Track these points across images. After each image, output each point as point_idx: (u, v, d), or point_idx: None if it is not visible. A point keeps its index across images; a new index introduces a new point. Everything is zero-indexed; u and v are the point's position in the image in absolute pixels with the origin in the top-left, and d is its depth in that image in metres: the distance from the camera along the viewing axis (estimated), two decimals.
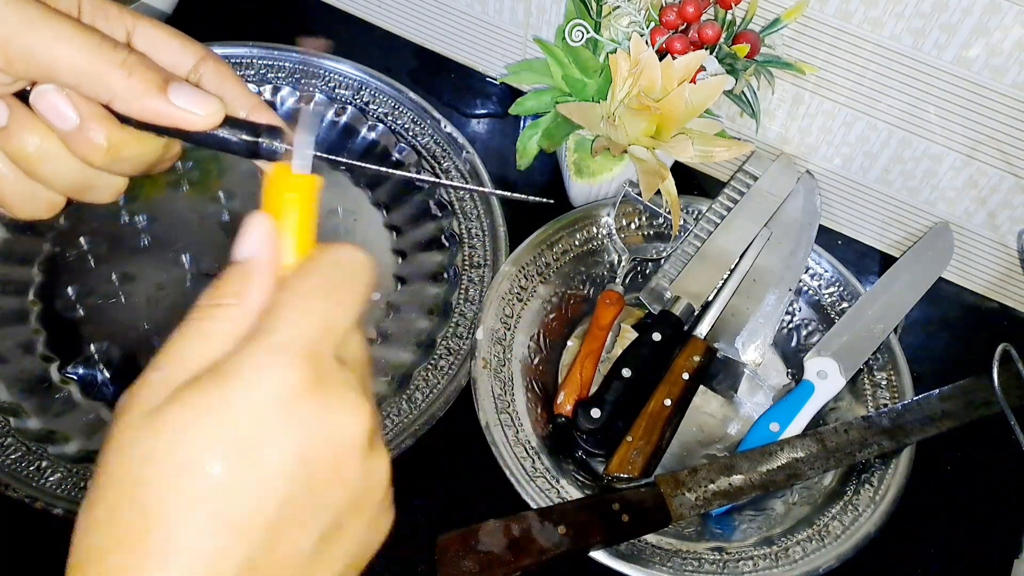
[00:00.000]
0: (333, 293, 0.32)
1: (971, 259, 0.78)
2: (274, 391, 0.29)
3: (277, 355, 0.30)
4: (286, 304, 0.31)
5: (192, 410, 0.29)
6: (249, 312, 0.31)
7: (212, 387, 0.29)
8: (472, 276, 0.74)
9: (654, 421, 0.66)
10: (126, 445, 0.29)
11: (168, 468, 0.28)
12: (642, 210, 0.76)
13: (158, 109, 0.36)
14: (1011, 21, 0.62)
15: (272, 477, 0.29)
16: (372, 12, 0.90)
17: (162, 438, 0.29)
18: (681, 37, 0.68)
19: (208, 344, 0.31)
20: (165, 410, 0.29)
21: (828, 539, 0.63)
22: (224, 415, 0.29)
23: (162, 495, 0.28)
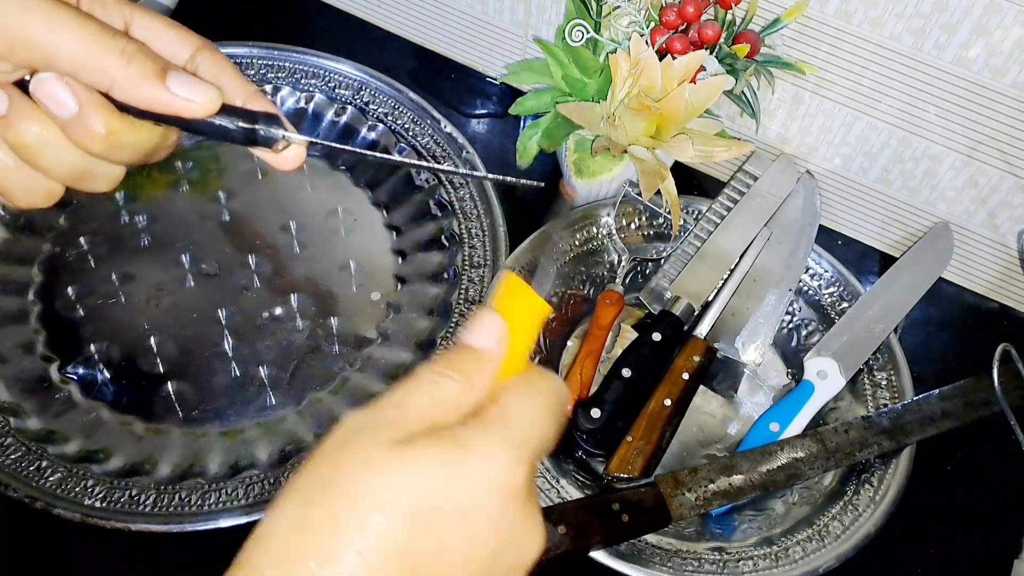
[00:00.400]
0: (553, 415, 0.34)
1: (971, 259, 0.78)
2: (503, 478, 0.31)
3: (512, 448, 0.31)
4: (519, 407, 0.33)
5: (434, 459, 0.30)
6: (471, 393, 0.33)
7: (453, 448, 0.31)
8: (472, 276, 0.74)
9: (654, 421, 0.66)
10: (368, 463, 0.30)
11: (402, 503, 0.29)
12: (642, 210, 0.76)
13: (157, 97, 0.36)
14: (1011, 21, 0.62)
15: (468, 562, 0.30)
16: (372, 12, 0.90)
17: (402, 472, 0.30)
18: (681, 37, 0.68)
19: (433, 403, 0.32)
20: (411, 448, 0.30)
21: (828, 539, 0.63)
22: (457, 478, 0.30)
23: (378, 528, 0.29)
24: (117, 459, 0.65)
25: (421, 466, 0.30)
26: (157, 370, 0.69)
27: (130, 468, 0.64)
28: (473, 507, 0.30)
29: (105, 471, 0.64)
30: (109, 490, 0.62)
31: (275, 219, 0.77)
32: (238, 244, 0.76)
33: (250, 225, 0.77)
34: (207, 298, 0.73)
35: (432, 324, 0.72)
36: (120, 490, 0.62)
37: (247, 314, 0.72)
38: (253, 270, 0.74)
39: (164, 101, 0.36)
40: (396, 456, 0.30)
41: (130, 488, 0.62)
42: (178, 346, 0.70)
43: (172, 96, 0.36)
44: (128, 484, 0.63)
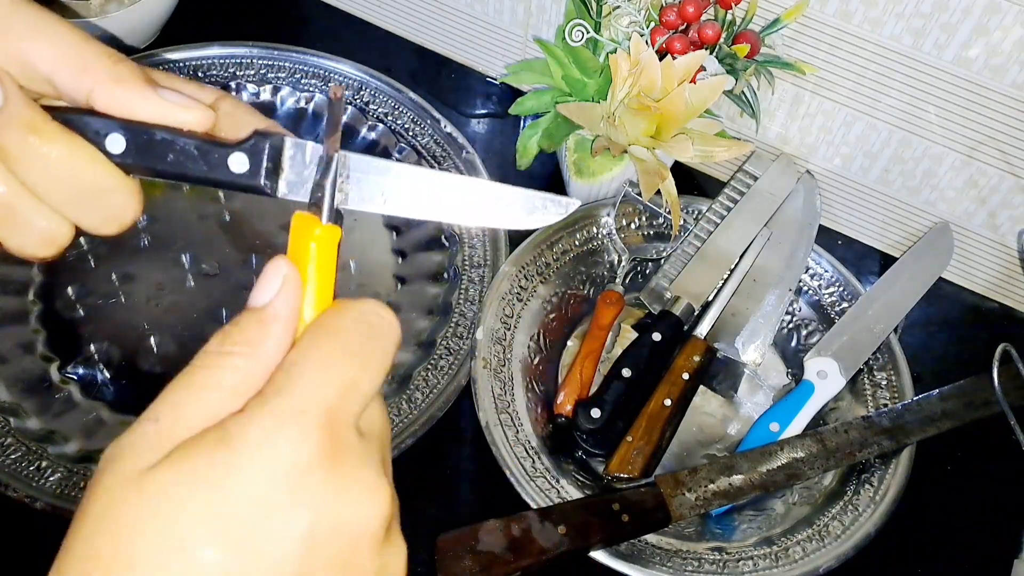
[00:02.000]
0: (357, 354, 0.29)
1: (971, 259, 0.78)
2: (282, 465, 0.26)
3: (289, 422, 0.26)
4: (303, 363, 0.28)
5: (191, 476, 0.26)
6: (261, 365, 0.28)
7: (214, 453, 0.26)
8: (472, 276, 0.74)
9: (654, 421, 0.66)
10: (112, 505, 0.26)
11: (156, 546, 0.25)
12: (642, 210, 0.76)
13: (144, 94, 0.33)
14: (1011, 21, 0.62)
15: (274, 568, 0.26)
16: (372, 12, 0.90)
17: (154, 506, 0.25)
18: (681, 37, 0.68)
19: (213, 397, 0.28)
20: (160, 475, 0.26)
21: (828, 539, 0.63)
22: (225, 490, 0.25)
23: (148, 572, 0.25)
24: None
25: (173, 490, 0.25)
26: (157, 370, 0.69)
27: None
28: (253, 507, 0.25)
29: None
30: None
31: (275, 219, 0.77)
32: (238, 244, 0.76)
33: (250, 225, 0.77)
34: (207, 298, 0.73)
35: (432, 324, 0.72)
36: None
37: None
38: (253, 270, 0.74)
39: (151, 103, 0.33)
40: (139, 487, 0.25)
41: None
42: (178, 346, 0.70)
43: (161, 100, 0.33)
44: None
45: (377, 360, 0.29)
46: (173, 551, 0.25)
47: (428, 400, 0.67)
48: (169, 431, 0.27)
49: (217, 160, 0.33)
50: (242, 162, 0.33)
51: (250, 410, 0.27)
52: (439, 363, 0.69)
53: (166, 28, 0.84)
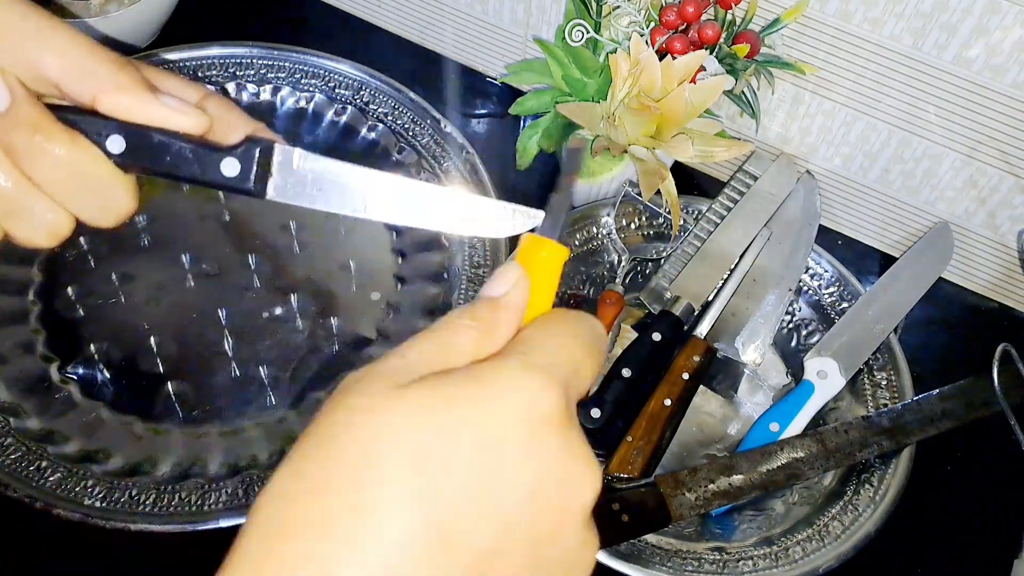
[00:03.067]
0: (584, 344, 0.31)
1: (971, 259, 0.78)
2: (528, 405, 0.27)
3: (536, 372, 0.28)
4: (543, 336, 0.30)
5: (445, 397, 0.27)
6: (492, 340, 0.30)
7: (467, 383, 0.27)
8: (472, 276, 0.74)
9: (654, 421, 0.66)
10: (365, 412, 0.27)
11: (406, 450, 0.26)
12: (642, 210, 0.76)
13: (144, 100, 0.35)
14: (1011, 21, 0.62)
15: (503, 500, 0.27)
16: (372, 12, 0.90)
17: (409, 415, 0.26)
18: (681, 37, 0.68)
19: (449, 353, 0.29)
20: (417, 388, 0.27)
21: (828, 539, 0.63)
22: (477, 412, 0.27)
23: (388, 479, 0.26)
24: (117, 459, 0.65)
25: (426, 405, 0.27)
26: (157, 370, 0.69)
27: (130, 468, 0.64)
28: (496, 441, 0.27)
29: (105, 471, 0.64)
30: (109, 490, 0.62)
31: (275, 219, 0.77)
32: (238, 244, 0.76)
33: (250, 225, 0.77)
34: (207, 298, 0.73)
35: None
36: (120, 490, 0.62)
37: (247, 314, 0.72)
38: (253, 270, 0.74)
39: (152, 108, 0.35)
40: (398, 398, 0.27)
41: (130, 488, 0.62)
42: (178, 346, 0.70)
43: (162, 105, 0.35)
44: (128, 484, 0.63)
45: (596, 356, 0.31)
46: (419, 460, 0.26)
47: None
48: (415, 366, 0.28)
49: (210, 163, 0.36)
50: (233, 166, 0.36)
51: (499, 357, 0.29)
52: None
53: (166, 28, 0.84)
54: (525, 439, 0.27)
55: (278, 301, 0.73)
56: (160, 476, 0.64)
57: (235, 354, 0.70)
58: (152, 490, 0.62)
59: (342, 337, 0.72)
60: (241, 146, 0.36)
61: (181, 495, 0.62)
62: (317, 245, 0.76)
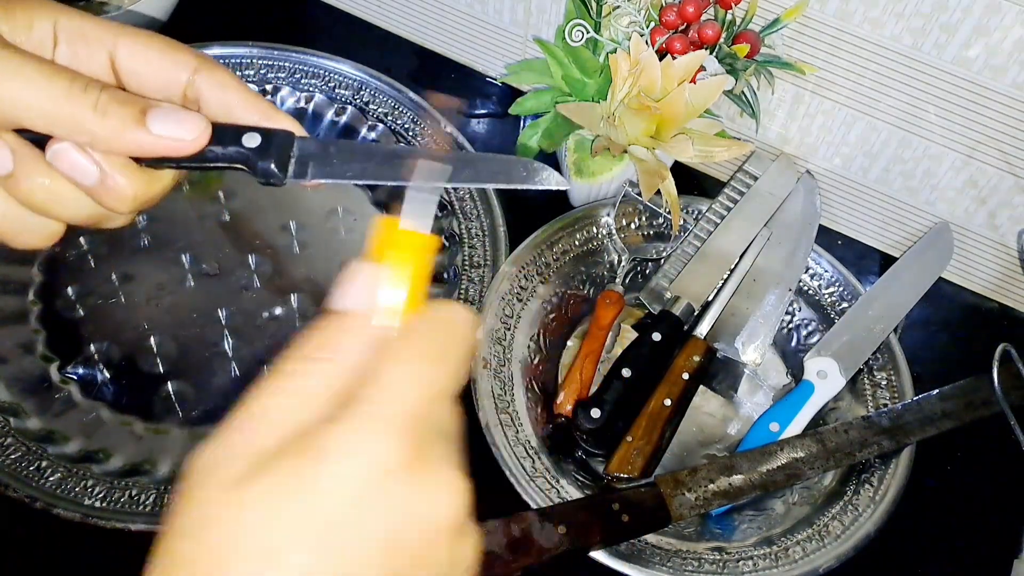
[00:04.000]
0: (439, 358, 0.29)
1: (971, 259, 0.78)
2: (368, 469, 0.27)
3: (375, 428, 0.27)
4: (389, 370, 0.28)
5: (279, 488, 0.26)
6: (344, 370, 0.29)
7: (301, 460, 0.27)
8: (472, 276, 0.74)
9: (654, 421, 0.66)
10: (204, 522, 0.27)
11: (252, 554, 0.26)
12: (642, 210, 0.76)
13: (140, 142, 0.34)
14: (1011, 21, 0.62)
15: (359, 566, 0.27)
16: (372, 12, 0.90)
17: (245, 520, 0.26)
18: (681, 37, 0.68)
19: (297, 403, 0.28)
20: (250, 486, 0.27)
21: (828, 539, 0.63)
22: (313, 495, 0.26)
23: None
24: (117, 459, 0.65)
25: (268, 498, 0.26)
26: (157, 370, 0.69)
27: (130, 468, 0.64)
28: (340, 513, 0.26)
29: (105, 471, 0.64)
30: (109, 490, 0.62)
31: (275, 219, 0.77)
32: (238, 244, 0.76)
33: (250, 225, 0.77)
34: (207, 298, 0.73)
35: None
36: (120, 490, 0.62)
37: (247, 314, 0.72)
38: (253, 270, 0.74)
39: (149, 145, 0.34)
40: (231, 502, 0.26)
41: (130, 488, 0.62)
42: (178, 346, 0.70)
43: (157, 139, 0.34)
44: (128, 484, 0.63)
45: (456, 362, 0.30)
46: (265, 559, 0.26)
47: None
48: (255, 440, 0.28)
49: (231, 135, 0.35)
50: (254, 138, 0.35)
51: (337, 420, 0.28)
52: None
53: (166, 28, 0.84)
54: (374, 500, 0.27)
55: (278, 301, 0.73)
56: (160, 476, 0.64)
57: (235, 354, 0.70)
58: (152, 490, 0.62)
59: None
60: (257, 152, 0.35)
61: None
62: (317, 245, 0.76)
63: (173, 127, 0.34)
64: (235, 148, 0.35)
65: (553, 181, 0.35)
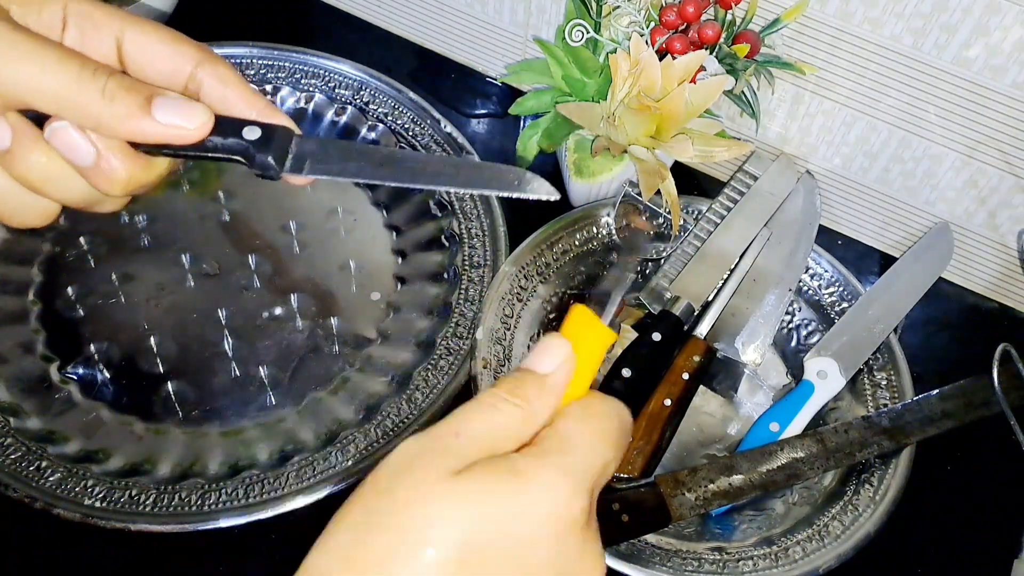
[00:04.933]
0: (614, 444, 0.33)
1: (971, 259, 0.78)
2: (560, 508, 0.30)
3: (571, 477, 0.30)
4: (579, 435, 0.32)
5: (490, 490, 0.30)
6: (531, 422, 0.32)
7: (510, 478, 0.30)
8: (472, 276, 0.74)
9: (654, 421, 0.66)
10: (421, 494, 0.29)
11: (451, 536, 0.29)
12: (642, 210, 0.76)
13: (144, 130, 0.34)
14: (1011, 21, 0.62)
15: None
16: (372, 12, 0.90)
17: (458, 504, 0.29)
18: (681, 37, 0.68)
19: (492, 431, 0.32)
20: (467, 479, 0.30)
21: (828, 539, 0.63)
22: (514, 509, 0.30)
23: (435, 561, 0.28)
24: (117, 459, 0.65)
25: (477, 498, 0.30)
26: (157, 370, 0.69)
27: (130, 468, 0.64)
28: (529, 539, 0.30)
29: (105, 471, 0.64)
30: (109, 490, 0.62)
31: (275, 219, 0.77)
32: (238, 244, 0.76)
33: (250, 225, 0.77)
34: (207, 298, 0.73)
35: (432, 324, 0.72)
36: (120, 490, 0.62)
37: (247, 314, 0.72)
38: (253, 270, 0.74)
39: (153, 133, 0.35)
40: (452, 487, 0.30)
41: (130, 488, 0.62)
42: (178, 346, 0.70)
43: (161, 127, 0.34)
44: (128, 484, 0.63)
45: (622, 448, 0.34)
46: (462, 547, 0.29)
47: (428, 400, 0.67)
48: (466, 447, 0.31)
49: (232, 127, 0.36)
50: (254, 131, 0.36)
51: (535, 456, 0.31)
52: (439, 363, 0.69)
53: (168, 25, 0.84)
54: (553, 540, 0.30)
55: (278, 301, 0.73)
56: (160, 476, 0.64)
57: (235, 354, 0.70)
58: (152, 490, 0.62)
59: (342, 337, 0.72)
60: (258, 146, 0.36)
61: (181, 495, 0.62)
62: (317, 245, 0.76)
63: (177, 116, 0.35)
64: (235, 140, 0.36)
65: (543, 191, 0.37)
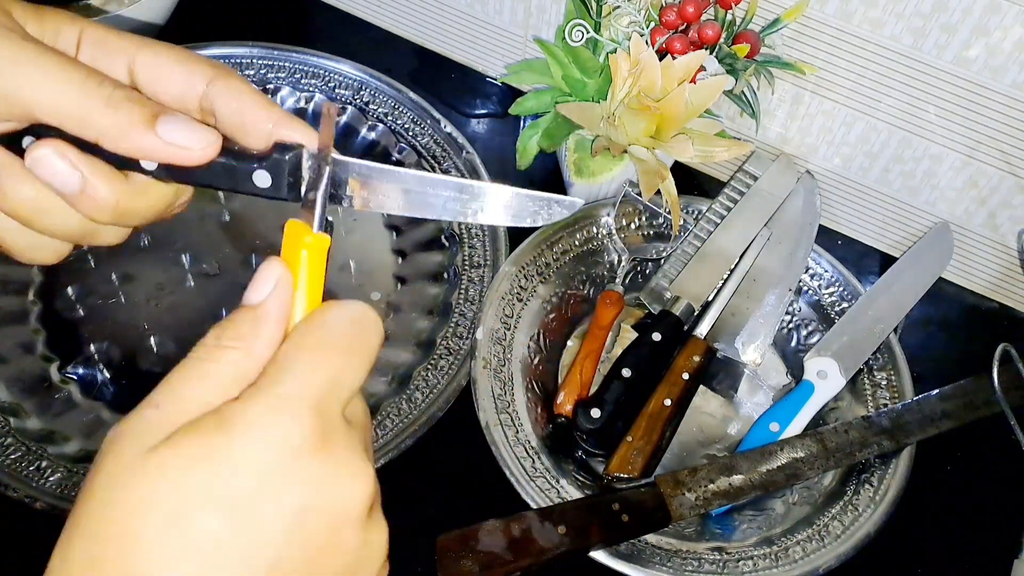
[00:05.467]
0: (344, 350, 0.31)
1: (971, 259, 0.78)
2: (277, 444, 0.28)
3: (283, 406, 0.28)
4: (294, 356, 0.30)
5: (192, 455, 0.27)
6: (254, 358, 0.30)
7: (214, 433, 0.28)
8: (472, 276, 0.74)
9: (654, 421, 0.66)
10: (116, 484, 0.28)
11: (160, 517, 0.27)
12: (642, 210, 0.76)
13: (145, 145, 0.34)
14: (1011, 21, 0.62)
15: (267, 538, 0.28)
16: (372, 12, 0.90)
17: (157, 483, 0.27)
18: (681, 37, 0.68)
19: (209, 386, 0.30)
20: (163, 452, 0.28)
21: (828, 539, 0.63)
22: (224, 465, 0.27)
23: (150, 546, 0.27)
24: None
25: (175, 468, 0.27)
26: (157, 370, 0.69)
27: None
28: (248, 487, 0.27)
29: None
30: None
31: (275, 219, 0.77)
32: (238, 244, 0.76)
33: (250, 225, 0.77)
34: (207, 298, 0.73)
35: (432, 324, 0.72)
36: None
37: None
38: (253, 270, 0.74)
39: (155, 150, 0.34)
40: (145, 466, 0.27)
41: None
42: (178, 346, 0.70)
43: (164, 144, 0.34)
44: None
45: (361, 355, 0.31)
46: (175, 524, 0.27)
47: (428, 400, 0.67)
48: (168, 416, 0.29)
49: (242, 175, 0.36)
50: (265, 178, 0.36)
51: (245, 397, 0.29)
52: (439, 363, 0.69)
53: (166, 28, 0.84)
54: (279, 475, 0.28)
55: None
56: None
57: None
58: None
59: None
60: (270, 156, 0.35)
61: None
62: None
63: (181, 135, 0.34)
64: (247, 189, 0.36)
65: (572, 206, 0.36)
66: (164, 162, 0.34)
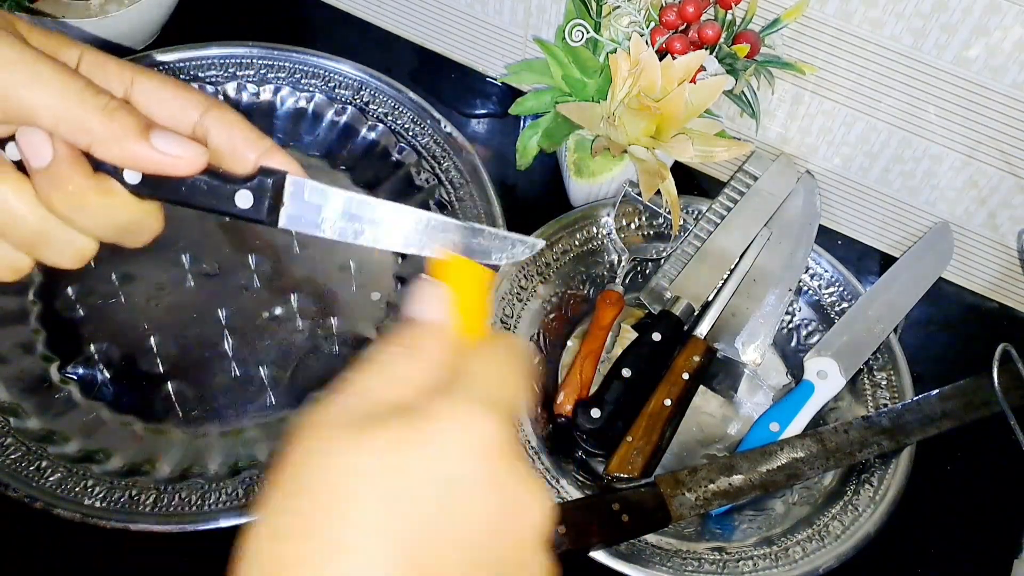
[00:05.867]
0: (515, 375, 0.32)
1: (971, 259, 0.78)
2: (478, 442, 0.29)
3: (481, 408, 0.29)
4: (483, 367, 0.32)
5: (403, 438, 0.28)
6: (429, 367, 0.31)
7: (422, 421, 0.29)
8: None
9: (654, 421, 0.66)
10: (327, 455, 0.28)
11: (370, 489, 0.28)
12: (642, 210, 0.76)
13: (138, 153, 0.35)
14: (1011, 21, 0.62)
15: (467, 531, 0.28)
16: (372, 12, 0.90)
17: (371, 457, 0.28)
18: (681, 37, 0.68)
19: (392, 384, 0.31)
20: (377, 432, 0.28)
21: (828, 539, 0.63)
22: (430, 450, 0.28)
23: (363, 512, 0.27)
24: (117, 459, 0.65)
25: (387, 445, 0.28)
26: (157, 370, 0.69)
27: (130, 468, 0.64)
28: (454, 475, 0.28)
29: (105, 471, 0.64)
30: (109, 490, 0.62)
31: None
32: (238, 244, 0.76)
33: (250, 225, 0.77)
34: (207, 298, 0.73)
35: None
36: (120, 490, 0.62)
37: (247, 314, 0.72)
38: (253, 270, 0.74)
39: (146, 158, 0.35)
40: (357, 440, 0.28)
41: (130, 488, 0.62)
42: (178, 346, 0.70)
43: (155, 153, 0.35)
44: (128, 484, 0.63)
45: (521, 381, 0.33)
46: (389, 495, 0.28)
47: None
48: (364, 401, 0.30)
49: (224, 195, 0.37)
50: (247, 198, 0.37)
51: (446, 392, 0.30)
52: None
53: (166, 28, 0.84)
54: (481, 471, 0.29)
55: (278, 301, 0.73)
56: (160, 476, 0.64)
57: (235, 354, 0.70)
58: (152, 490, 0.62)
59: (342, 337, 0.72)
60: (254, 178, 0.37)
61: (181, 495, 0.62)
62: (317, 245, 0.76)
63: (173, 147, 0.35)
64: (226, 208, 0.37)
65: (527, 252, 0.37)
66: (152, 171, 0.35)
